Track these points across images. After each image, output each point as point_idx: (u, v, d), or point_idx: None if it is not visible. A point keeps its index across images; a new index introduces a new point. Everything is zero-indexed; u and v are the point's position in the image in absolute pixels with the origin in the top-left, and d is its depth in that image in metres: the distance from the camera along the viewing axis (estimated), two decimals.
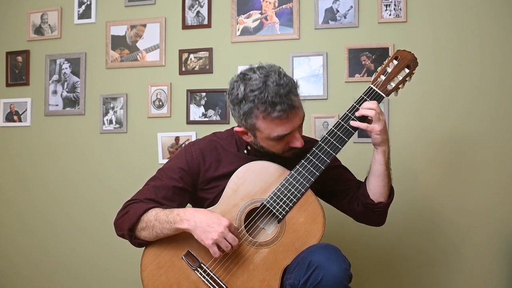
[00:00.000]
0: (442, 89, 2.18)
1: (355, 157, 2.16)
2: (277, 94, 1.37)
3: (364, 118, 1.48)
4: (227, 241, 1.36)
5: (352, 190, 1.63)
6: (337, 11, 2.28)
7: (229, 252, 1.39)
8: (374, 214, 1.57)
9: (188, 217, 1.39)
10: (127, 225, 1.45)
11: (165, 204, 1.51)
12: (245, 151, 1.59)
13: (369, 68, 2.22)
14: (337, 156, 1.53)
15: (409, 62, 1.53)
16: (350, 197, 1.63)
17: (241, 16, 2.38)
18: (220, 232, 1.35)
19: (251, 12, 2.37)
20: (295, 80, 1.45)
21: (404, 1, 2.20)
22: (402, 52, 1.54)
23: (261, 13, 2.36)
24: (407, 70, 1.53)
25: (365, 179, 1.58)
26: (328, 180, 1.63)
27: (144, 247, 1.50)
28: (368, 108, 1.46)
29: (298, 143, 1.47)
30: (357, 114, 1.48)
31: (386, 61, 1.54)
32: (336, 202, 1.67)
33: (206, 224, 1.36)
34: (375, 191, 1.54)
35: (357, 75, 2.24)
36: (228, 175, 1.53)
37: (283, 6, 2.34)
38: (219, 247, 1.37)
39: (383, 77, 1.52)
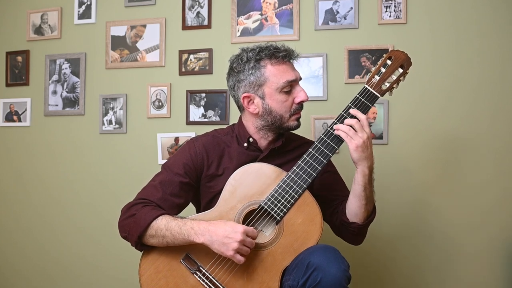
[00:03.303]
0: (441, 91, 2.18)
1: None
2: (277, 45, 1.56)
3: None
4: (247, 246, 1.37)
5: (337, 202, 1.62)
6: (337, 12, 2.28)
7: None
8: (348, 232, 1.56)
9: (203, 232, 1.38)
10: (135, 233, 1.44)
11: (173, 201, 1.52)
12: (245, 144, 1.59)
13: (369, 69, 2.21)
14: (335, 158, 1.52)
15: (402, 62, 1.53)
16: (333, 209, 1.61)
17: (241, 17, 2.38)
18: (239, 241, 1.35)
19: (251, 13, 2.37)
20: None
21: (404, 2, 2.20)
22: (396, 52, 1.54)
23: (261, 14, 2.36)
24: (401, 70, 1.53)
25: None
26: (318, 183, 1.62)
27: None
28: (352, 116, 1.46)
29: (303, 95, 1.54)
30: (344, 123, 1.46)
31: (380, 61, 1.54)
32: (322, 209, 1.64)
33: (223, 236, 1.36)
34: (351, 210, 1.52)
35: (357, 76, 2.24)
36: (228, 172, 1.54)
37: (283, 7, 2.34)
38: (241, 254, 1.37)
39: (377, 77, 1.52)
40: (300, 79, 1.59)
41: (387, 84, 1.52)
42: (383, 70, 1.52)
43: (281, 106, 1.54)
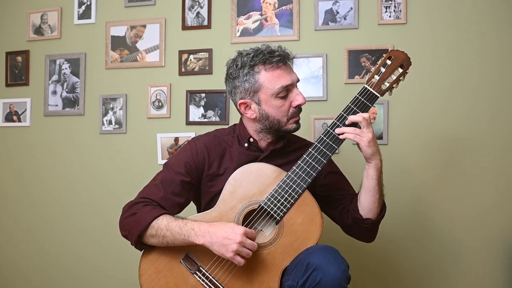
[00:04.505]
0: (440, 91, 2.18)
1: (354, 159, 2.17)
2: (272, 49, 1.54)
3: (355, 125, 1.47)
4: (247, 248, 1.36)
5: (345, 201, 1.62)
6: (337, 12, 2.28)
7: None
8: (362, 229, 1.56)
9: (203, 233, 1.38)
10: (136, 231, 1.44)
11: (174, 200, 1.52)
12: (246, 144, 1.59)
13: (369, 69, 2.21)
14: (335, 158, 1.52)
15: (402, 61, 1.53)
16: (342, 208, 1.62)
17: (241, 17, 2.38)
18: (239, 242, 1.34)
19: (251, 13, 2.37)
20: None
21: (404, 2, 2.20)
22: (395, 52, 1.54)
23: (261, 14, 2.36)
24: (400, 70, 1.53)
25: (358, 193, 1.57)
26: (323, 185, 1.63)
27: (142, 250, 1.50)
28: (359, 115, 1.46)
29: (300, 98, 1.53)
30: (346, 122, 1.47)
31: (380, 61, 1.54)
32: (328, 210, 1.65)
33: (222, 237, 1.36)
34: (365, 206, 1.52)
35: (356, 76, 2.24)
36: (228, 172, 1.54)
37: (283, 7, 2.34)
38: (241, 256, 1.36)
39: (377, 77, 1.52)
40: (298, 81, 1.57)
41: (387, 84, 1.52)
42: (382, 70, 1.52)
43: (278, 111, 1.53)
